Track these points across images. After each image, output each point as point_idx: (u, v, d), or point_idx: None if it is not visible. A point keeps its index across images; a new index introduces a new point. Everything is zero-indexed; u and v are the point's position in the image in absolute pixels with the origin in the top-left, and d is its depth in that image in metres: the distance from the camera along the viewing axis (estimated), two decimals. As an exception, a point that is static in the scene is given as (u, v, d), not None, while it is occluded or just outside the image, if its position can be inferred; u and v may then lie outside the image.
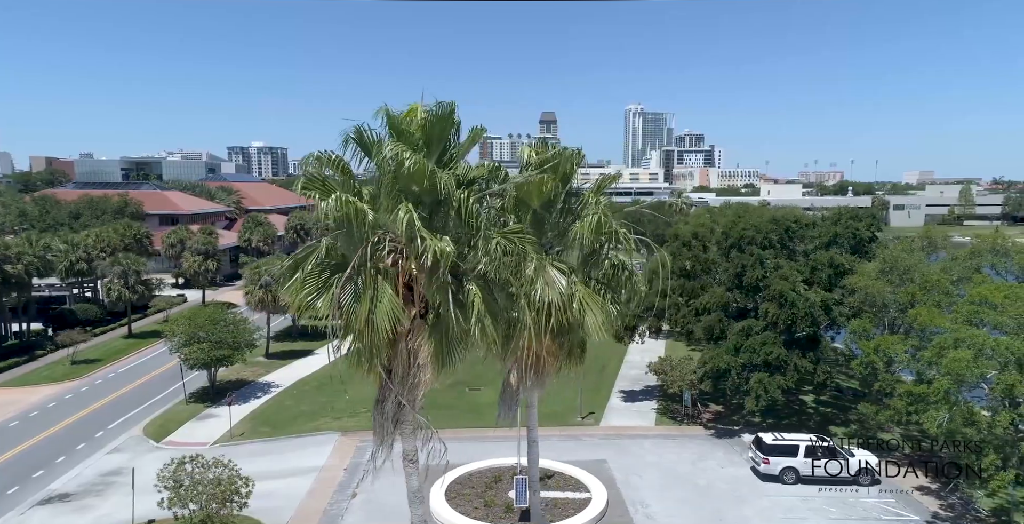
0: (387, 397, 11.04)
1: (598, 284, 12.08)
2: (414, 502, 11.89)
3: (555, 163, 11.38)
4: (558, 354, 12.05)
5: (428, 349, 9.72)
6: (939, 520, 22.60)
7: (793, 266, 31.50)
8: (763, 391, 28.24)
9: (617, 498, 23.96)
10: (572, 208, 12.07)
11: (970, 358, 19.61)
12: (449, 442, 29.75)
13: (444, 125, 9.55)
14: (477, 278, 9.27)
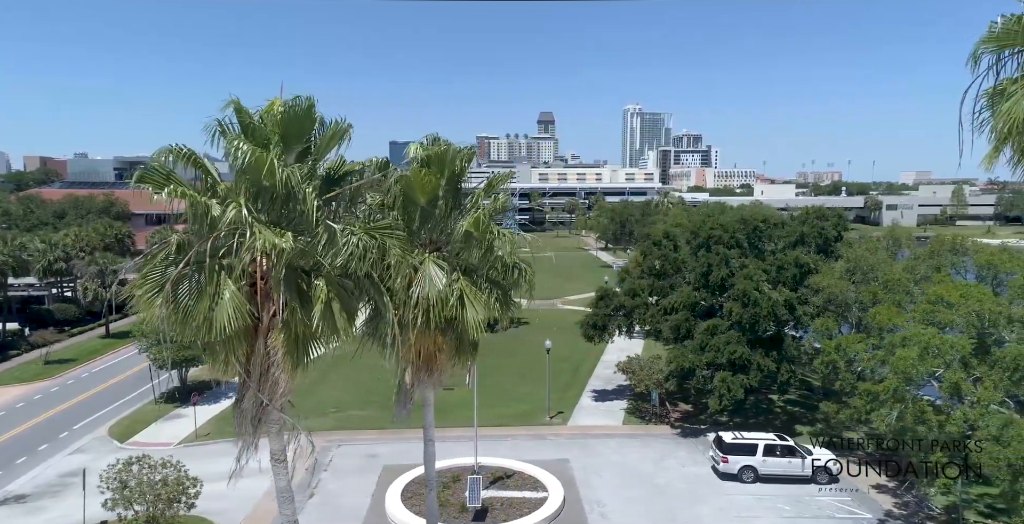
0: (245, 396, 10.99)
1: (487, 282, 12.06)
2: (283, 501, 11.88)
3: (441, 160, 11.33)
4: (448, 351, 12.04)
5: (281, 347, 9.71)
6: (891, 518, 22.68)
7: (760, 265, 31.57)
8: (726, 390, 28.31)
9: (574, 498, 23.99)
10: (464, 206, 12.06)
11: (915, 357, 19.68)
12: (413, 442, 30.11)
13: (302, 121, 9.52)
14: (331, 274, 9.22)
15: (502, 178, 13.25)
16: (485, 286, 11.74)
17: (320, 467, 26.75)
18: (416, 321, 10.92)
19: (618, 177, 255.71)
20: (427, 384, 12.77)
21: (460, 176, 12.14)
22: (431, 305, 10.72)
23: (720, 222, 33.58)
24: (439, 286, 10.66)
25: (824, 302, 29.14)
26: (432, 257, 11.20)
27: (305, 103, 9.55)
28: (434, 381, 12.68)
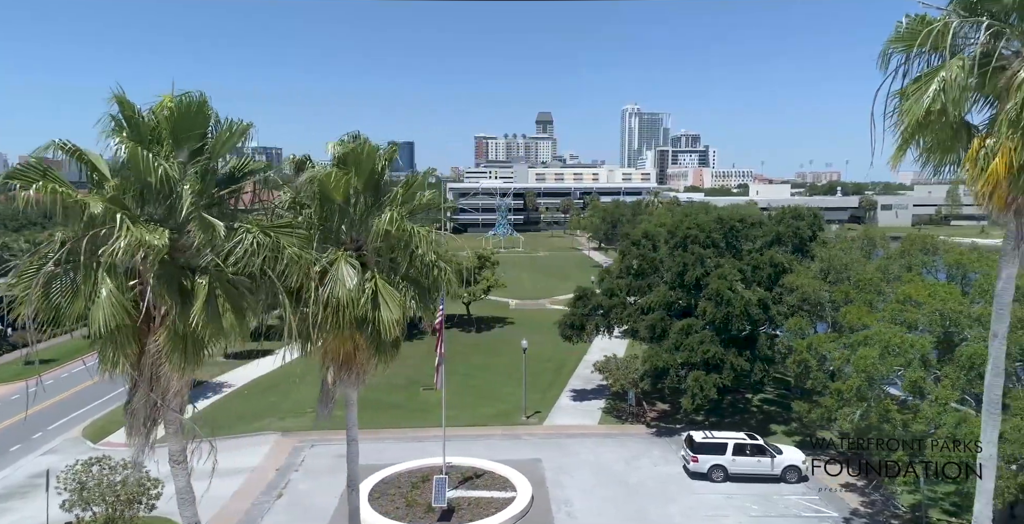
0: (135, 396, 10.92)
1: (406, 281, 12.02)
2: (183, 503, 11.85)
3: (358, 158, 11.29)
4: (367, 350, 12.02)
5: (166, 345, 9.68)
6: (857, 517, 22.72)
7: (736, 265, 31.60)
8: (699, 389, 28.33)
9: (543, 497, 23.99)
10: (383, 205, 12.00)
11: (876, 356, 19.71)
12: (388, 442, 30.20)
13: (194, 118, 9.46)
14: (217, 272, 9.14)
15: (425, 176, 13.18)
16: (403, 285, 11.71)
17: (291, 467, 26.73)
18: (329, 320, 10.87)
19: (615, 177, 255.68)
20: (348, 383, 12.72)
21: (381, 175, 12.10)
22: (341, 304, 10.68)
23: (697, 222, 33.60)
24: (349, 285, 10.64)
25: (798, 301, 29.16)
26: (345, 256, 11.19)
27: (196, 99, 9.49)
28: (355, 380, 12.64)
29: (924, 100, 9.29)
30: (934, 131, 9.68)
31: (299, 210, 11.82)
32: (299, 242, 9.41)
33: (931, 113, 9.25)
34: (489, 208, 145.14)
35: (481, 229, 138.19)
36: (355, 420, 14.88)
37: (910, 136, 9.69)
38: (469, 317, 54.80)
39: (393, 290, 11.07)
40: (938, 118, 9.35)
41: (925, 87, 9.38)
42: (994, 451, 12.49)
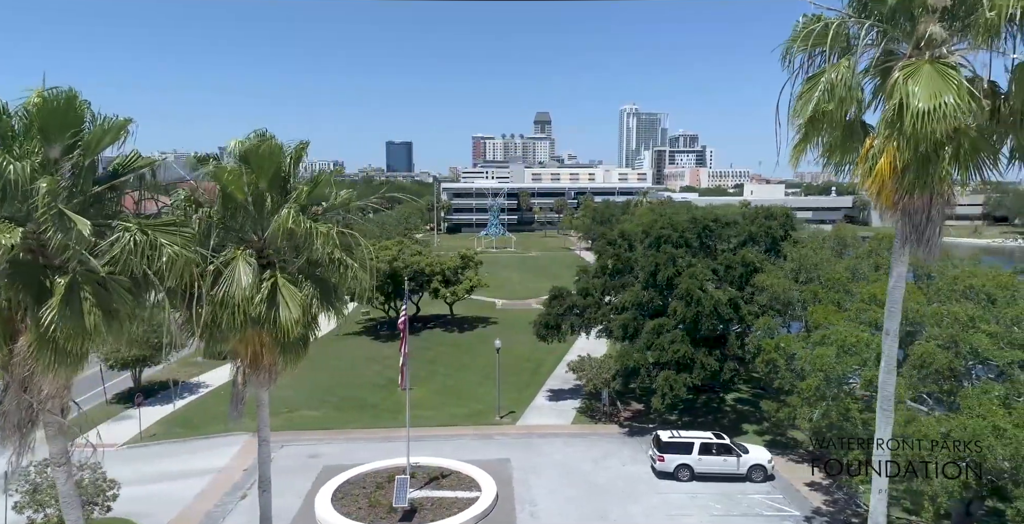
0: (6, 398, 10.82)
1: (310, 280, 11.97)
2: (67, 506, 11.76)
3: (261, 156, 11.24)
4: (274, 349, 11.98)
5: (34, 346, 9.59)
6: (818, 515, 22.76)
7: (709, 265, 31.65)
8: (669, 389, 28.36)
9: (508, 497, 24.00)
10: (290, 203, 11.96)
11: (832, 355, 19.75)
12: (359, 442, 30.13)
13: (64, 114, 9.28)
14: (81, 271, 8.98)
15: (332, 174, 13.15)
16: (307, 284, 11.66)
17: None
18: (225, 320, 10.82)
19: (611, 177, 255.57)
20: (258, 384, 12.65)
21: (288, 173, 12.05)
22: (236, 304, 10.64)
23: (671, 222, 33.63)
24: (244, 284, 10.59)
25: (769, 301, 29.21)
26: (244, 255, 11.15)
27: (64, 95, 9.36)
28: (264, 381, 12.60)
29: (812, 100, 9.32)
30: (829, 131, 9.73)
31: (195, 208, 11.72)
32: (183, 241, 9.32)
33: (824, 113, 9.30)
34: (483, 208, 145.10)
35: (475, 229, 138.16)
36: (267, 421, 14.72)
37: (805, 136, 9.71)
38: (452, 317, 54.80)
39: (294, 289, 11.02)
40: (830, 118, 9.39)
41: (815, 87, 9.42)
42: (886, 451, 12.66)
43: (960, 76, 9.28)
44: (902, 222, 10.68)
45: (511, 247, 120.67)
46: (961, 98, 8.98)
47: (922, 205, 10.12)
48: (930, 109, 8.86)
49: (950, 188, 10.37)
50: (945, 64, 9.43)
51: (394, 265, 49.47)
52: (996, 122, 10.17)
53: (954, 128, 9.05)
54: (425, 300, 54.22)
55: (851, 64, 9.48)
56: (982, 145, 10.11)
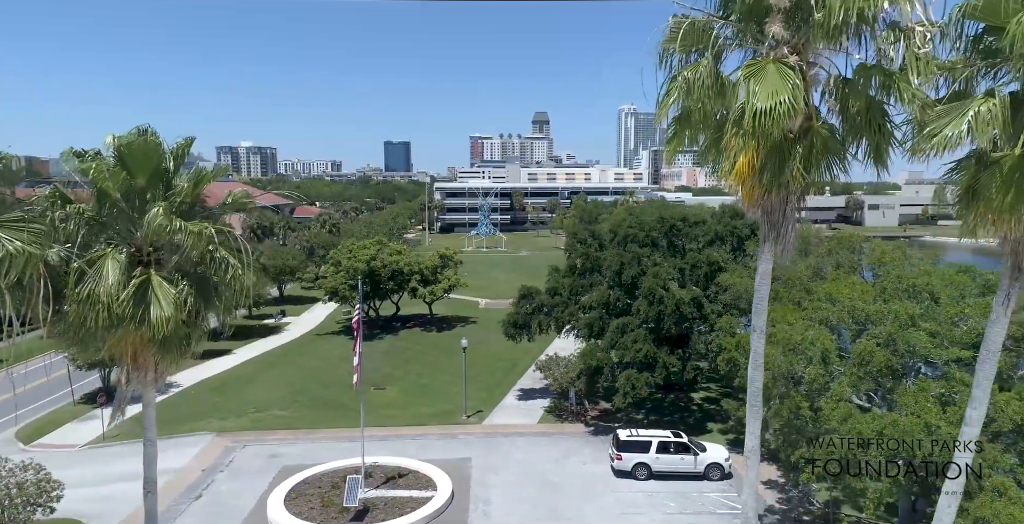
0: None
1: (188, 279, 11.85)
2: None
3: (136, 154, 11.19)
4: (151, 349, 11.90)
5: None
6: (771, 513, 22.78)
7: (675, 264, 31.66)
8: (630, 388, 28.37)
9: (463, 496, 23.99)
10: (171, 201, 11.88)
11: (777, 353, 19.76)
12: (323, 442, 30.07)
13: None
14: None
15: (217, 172, 13.12)
16: (183, 283, 11.58)
17: (218, 468, 26.65)
18: (91, 319, 10.76)
19: (607, 177, 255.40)
20: (140, 383, 12.58)
21: (171, 171, 11.98)
22: (102, 302, 10.59)
23: (638, 221, 33.65)
24: (110, 281, 10.55)
25: (732, 299, 29.22)
26: (113, 252, 11.10)
27: None
28: (144, 380, 12.54)
29: (671, 99, 9.37)
30: (701, 129, 9.78)
31: (61, 205, 11.63)
32: (30, 237, 9.26)
33: (692, 112, 9.34)
34: (476, 208, 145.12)
35: (468, 229, 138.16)
36: (152, 421, 14.57)
37: (675, 134, 9.75)
38: (432, 317, 54.78)
39: (168, 287, 10.97)
40: (696, 117, 9.44)
41: (674, 87, 9.47)
42: (756, 443, 12.88)
43: (796, 76, 9.38)
44: (762, 220, 10.74)
45: (501, 247, 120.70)
46: (796, 98, 9.07)
47: (778, 203, 10.20)
48: (767, 108, 8.95)
49: (803, 187, 10.46)
50: (784, 64, 9.51)
51: (372, 264, 49.45)
52: (846, 122, 10.29)
53: (805, 128, 9.15)
54: (406, 300, 54.20)
55: (709, 63, 9.54)
56: (832, 145, 10.24)
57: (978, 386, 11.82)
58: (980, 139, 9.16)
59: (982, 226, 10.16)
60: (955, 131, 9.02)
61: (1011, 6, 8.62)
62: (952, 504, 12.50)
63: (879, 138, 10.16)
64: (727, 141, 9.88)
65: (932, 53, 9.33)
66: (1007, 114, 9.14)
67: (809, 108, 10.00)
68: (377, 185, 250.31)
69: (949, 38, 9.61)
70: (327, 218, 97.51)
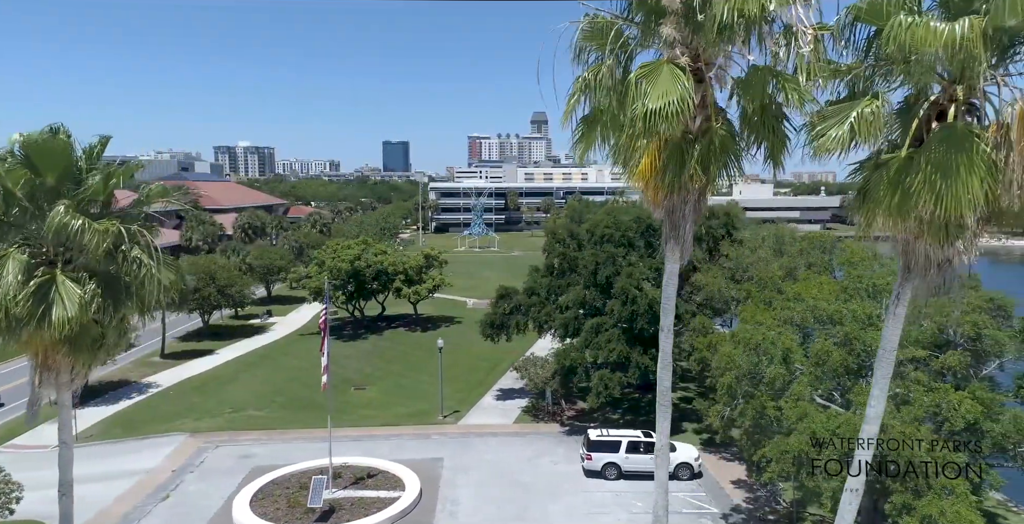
0: None
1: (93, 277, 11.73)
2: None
3: (41, 152, 11.07)
4: (63, 350, 11.79)
5: None
6: (737, 512, 22.78)
7: (651, 264, 31.62)
8: (603, 388, 28.38)
9: (431, 496, 23.96)
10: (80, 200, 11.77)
11: (739, 353, 19.78)
12: (296, 442, 29.98)
13: None
14: None
15: (128, 170, 13.03)
16: (90, 283, 11.48)
17: (188, 468, 26.59)
18: None
19: (604, 177, 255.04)
20: (54, 385, 12.44)
21: (83, 170, 11.87)
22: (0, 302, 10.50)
23: (615, 221, 33.62)
24: (8, 281, 10.42)
25: (705, 299, 29.24)
26: (15, 251, 11.00)
27: None
28: (59, 381, 12.40)
29: (573, 100, 9.39)
30: (606, 129, 9.79)
31: None
32: None
33: (597, 112, 9.37)
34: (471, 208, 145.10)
35: (463, 229, 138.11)
36: (68, 422, 14.42)
37: (583, 135, 9.77)
38: (417, 317, 54.75)
39: (73, 287, 10.87)
40: (601, 117, 9.46)
41: (576, 88, 9.50)
42: (666, 441, 13.04)
43: (687, 77, 9.41)
44: (664, 221, 10.79)
45: (494, 246, 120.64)
46: (684, 99, 9.10)
47: (679, 203, 10.23)
48: (657, 109, 8.98)
49: (702, 187, 10.50)
50: (676, 64, 9.53)
51: (356, 264, 49.40)
52: (744, 123, 10.32)
53: (705, 129, 9.18)
54: (393, 300, 54.14)
55: (611, 64, 9.56)
56: (730, 145, 10.27)
57: (876, 385, 11.87)
58: (862, 141, 9.23)
59: (874, 227, 10.24)
60: (839, 133, 9.11)
61: (888, 9, 8.67)
62: (853, 501, 12.65)
63: (774, 139, 10.19)
64: (632, 142, 9.88)
65: (822, 55, 9.35)
66: (890, 116, 9.23)
67: (709, 109, 10.06)
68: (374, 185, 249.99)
69: (844, 41, 9.61)
70: (318, 218, 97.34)
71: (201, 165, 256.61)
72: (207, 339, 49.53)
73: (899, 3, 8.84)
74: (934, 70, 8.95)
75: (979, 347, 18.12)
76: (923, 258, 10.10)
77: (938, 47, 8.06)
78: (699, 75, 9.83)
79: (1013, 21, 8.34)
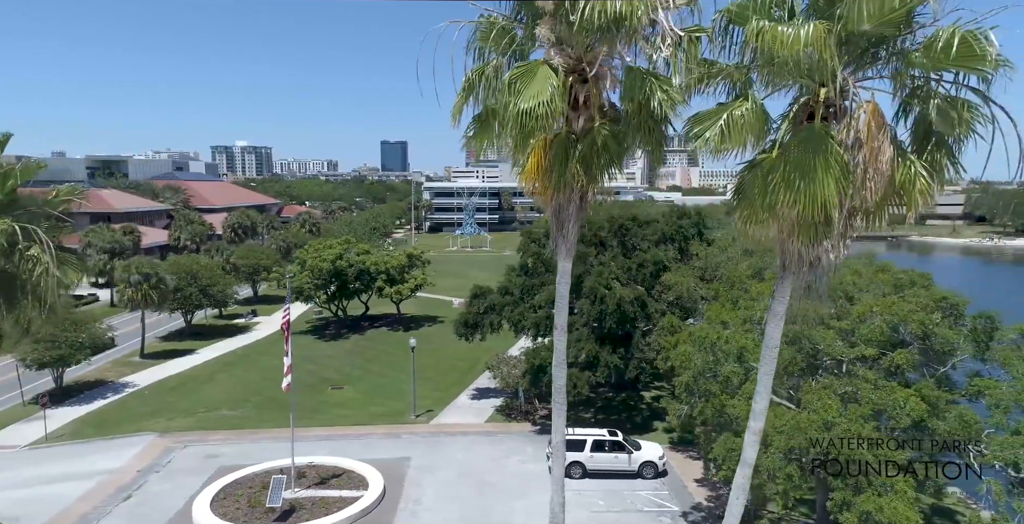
0: None
1: None
2: None
3: None
4: None
5: None
6: (697, 511, 22.80)
7: (623, 263, 31.64)
8: (571, 387, 28.33)
9: (394, 496, 23.96)
10: None
11: (692, 352, 19.80)
12: (263, 442, 29.95)
13: None
14: None
15: (29, 170, 13.02)
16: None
17: (153, 468, 26.54)
18: None
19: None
20: None
21: None
22: None
23: (588, 220, 33.58)
24: None
25: (675, 299, 29.25)
26: None
27: None
28: None
29: (459, 98, 9.45)
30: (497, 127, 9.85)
31: None
32: None
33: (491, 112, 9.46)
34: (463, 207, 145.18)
35: (456, 228, 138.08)
36: None
37: (476, 133, 9.83)
38: (400, 316, 54.76)
39: None
40: (489, 117, 9.51)
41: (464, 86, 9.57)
42: (562, 438, 13.17)
43: (559, 78, 9.53)
44: (552, 220, 10.90)
45: (486, 246, 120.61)
46: (553, 99, 9.23)
47: (565, 203, 10.32)
48: (529, 109, 9.11)
49: (584, 187, 10.61)
50: (550, 65, 9.64)
51: (337, 264, 49.38)
52: (625, 123, 10.42)
53: (588, 129, 9.28)
54: (378, 300, 54.12)
55: (497, 64, 9.66)
56: (611, 145, 10.36)
57: (760, 381, 12.06)
58: (732, 143, 9.39)
59: (749, 226, 10.42)
60: (712, 134, 9.29)
61: (749, 13, 8.79)
62: (739, 497, 12.76)
63: (650, 139, 10.29)
64: (515, 141, 9.95)
65: (696, 57, 9.45)
66: (761, 118, 9.38)
67: (592, 109, 10.14)
68: (371, 185, 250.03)
69: (721, 43, 9.68)
70: (307, 218, 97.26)
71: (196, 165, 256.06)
72: (189, 339, 49.47)
73: (765, 6, 8.93)
74: (793, 73, 9.04)
75: (929, 346, 18.15)
76: (796, 257, 10.32)
77: (787, 51, 8.20)
78: (584, 75, 9.93)
79: (867, 26, 8.48)
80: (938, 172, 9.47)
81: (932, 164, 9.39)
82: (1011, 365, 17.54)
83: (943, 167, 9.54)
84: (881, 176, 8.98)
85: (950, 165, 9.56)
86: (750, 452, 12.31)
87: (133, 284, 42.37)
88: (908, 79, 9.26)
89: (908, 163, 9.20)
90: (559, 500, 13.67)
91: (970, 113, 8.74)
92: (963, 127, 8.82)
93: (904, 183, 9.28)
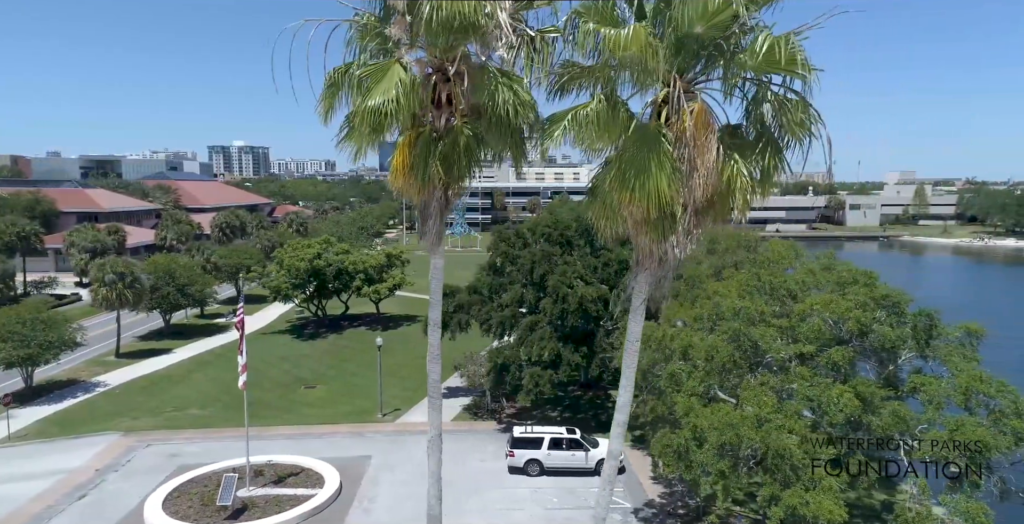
0: None
1: None
2: None
3: None
4: None
5: None
6: (648, 507, 22.87)
7: (589, 262, 31.69)
8: (534, 385, 28.43)
9: (349, 494, 24.00)
10: None
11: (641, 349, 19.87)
12: (227, 440, 29.92)
13: None
14: None
15: None
16: None
17: (112, 468, 26.51)
18: None
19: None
20: None
21: None
22: None
23: (555, 220, 33.71)
24: None
25: (638, 297, 29.29)
26: None
27: None
28: None
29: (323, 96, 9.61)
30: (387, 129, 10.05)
31: None
32: None
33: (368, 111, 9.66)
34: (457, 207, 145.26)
35: (449, 228, 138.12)
36: None
37: (348, 132, 9.95)
38: (379, 315, 54.77)
39: None
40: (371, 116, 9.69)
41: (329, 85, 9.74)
42: (437, 433, 13.67)
43: (408, 75, 9.65)
44: (419, 217, 11.07)
45: (476, 246, 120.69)
46: (400, 98, 9.39)
47: (429, 199, 10.46)
48: (376, 106, 9.26)
49: (446, 185, 10.77)
50: (401, 63, 9.78)
51: (315, 263, 49.40)
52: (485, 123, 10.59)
53: (450, 128, 9.43)
54: (359, 299, 54.13)
55: (360, 64, 9.82)
56: (470, 144, 10.53)
57: (624, 374, 12.45)
58: (579, 141, 9.58)
59: (603, 222, 10.63)
60: (559, 132, 9.42)
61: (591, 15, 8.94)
62: (606, 489, 13.07)
63: (506, 139, 10.46)
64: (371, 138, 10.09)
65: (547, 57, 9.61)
66: (610, 117, 9.53)
67: (455, 108, 10.28)
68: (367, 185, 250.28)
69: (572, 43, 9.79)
70: (295, 217, 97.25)
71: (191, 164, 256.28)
72: (168, 338, 49.45)
73: (608, 8, 9.09)
74: (637, 74, 9.16)
75: (868, 343, 18.22)
76: (647, 252, 10.51)
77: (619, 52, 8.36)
78: (448, 74, 10.05)
79: (698, 28, 8.63)
80: (767, 173, 9.63)
81: (764, 164, 9.60)
82: (950, 362, 17.63)
83: (772, 168, 9.79)
84: (709, 174, 9.13)
85: (779, 165, 9.74)
86: (615, 444, 12.66)
87: (108, 283, 42.27)
88: (739, 81, 9.42)
89: (732, 162, 9.34)
90: (435, 492, 14.13)
91: (805, 114, 9.01)
92: (802, 128, 9.13)
93: (729, 181, 9.52)
